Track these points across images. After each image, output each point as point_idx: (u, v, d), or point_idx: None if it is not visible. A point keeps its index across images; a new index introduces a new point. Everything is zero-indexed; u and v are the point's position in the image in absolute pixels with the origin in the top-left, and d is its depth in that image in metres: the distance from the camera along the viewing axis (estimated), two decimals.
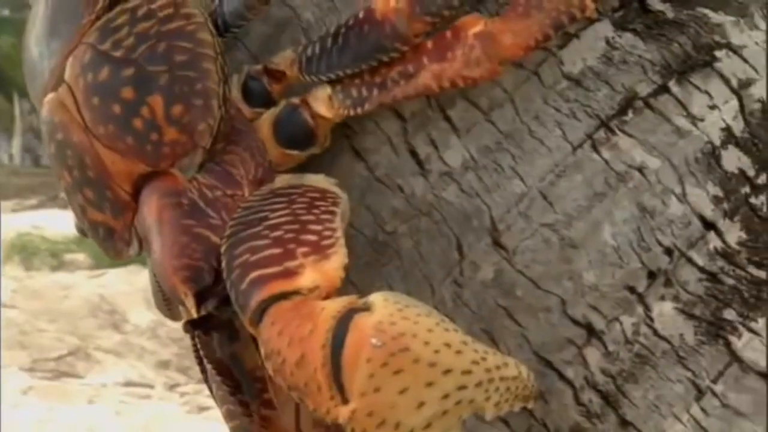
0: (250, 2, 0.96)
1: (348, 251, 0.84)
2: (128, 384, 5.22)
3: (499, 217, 0.95)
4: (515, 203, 0.95)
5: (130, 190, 0.95)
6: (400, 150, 0.98)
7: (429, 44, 0.91)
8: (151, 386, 5.24)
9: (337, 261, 0.83)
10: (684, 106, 0.93)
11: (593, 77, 0.94)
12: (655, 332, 0.90)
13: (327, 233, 0.85)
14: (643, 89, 0.94)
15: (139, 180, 0.94)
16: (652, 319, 0.91)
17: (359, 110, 0.94)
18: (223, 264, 0.86)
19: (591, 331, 0.92)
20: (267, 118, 0.99)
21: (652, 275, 0.91)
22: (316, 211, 0.88)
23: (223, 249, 0.87)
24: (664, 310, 0.91)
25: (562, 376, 0.92)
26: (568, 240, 0.93)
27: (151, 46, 0.93)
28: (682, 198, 0.92)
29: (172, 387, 5.26)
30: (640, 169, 0.93)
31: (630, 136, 0.93)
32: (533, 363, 0.93)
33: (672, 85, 0.94)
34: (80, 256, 7.12)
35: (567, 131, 0.94)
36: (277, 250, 0.84)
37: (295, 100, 0.97)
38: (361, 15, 0.94)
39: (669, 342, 0.90)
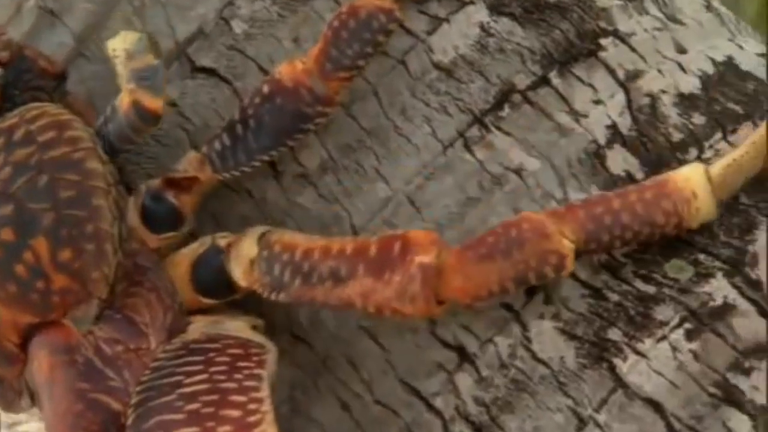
0: (136, 124, 0.80)
1: None
2: None
3: (361, 225, 0.84)
4: (379, 209, 0.84)
5: (18, 341, 0.80)
6: None
7: (373, 249, 0.77)
8: None
9: None
10: (566, 101, 0.84)
11: (466, 67, 0.84)
12: (534, 355, 0.81)
13: (252, 407, 0.73)
14: (522, 81, 0.84)
15: (26, 330, 0.80)
16: (530, 340, 0.81)
17: (273, 295, 0.79)
18: None
19: (463, 354, 0.82)
20: (187, 255, 0.83)
21: (530, 292, 0.81)
22: (238, 375, 0.75)
23: (129, 421, 0.74)
24: (544, 330, 0.81)
25: (430, 407, 0.82)
26: None
27: (31, 179, 0.78)
28: (563, 203, 0.82)
29: None
30: (518, 171, 0.83)
31: (507, 133, 0.84)
32: (398, 391, 0.82)
33: (553, 76, 0.84)
34: None
35: (437, 128, 0.84)
36: (193, 430, 0.72)
37: (222, 243, 0.82)
38: (266, 89, 0.82)
39: (548, 366, 0.80)
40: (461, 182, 0.83)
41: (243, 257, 0.80)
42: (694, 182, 0.76)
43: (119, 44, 0.80)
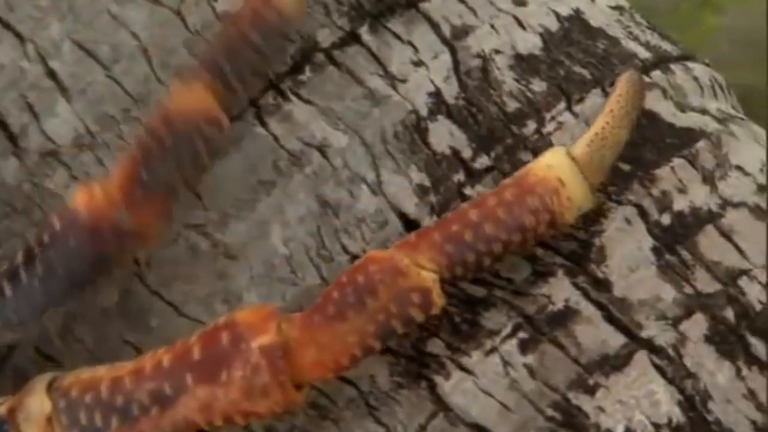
0: None
1: None
2: None
3: None
4: None
5: None
6: None
7: (195, 350, 0.62)
8: None
9: None
10: (380, 62, 0.71)
11: None
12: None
13: None
14: (326, 38, 0.72)
15: None
16: None
17: None
18: None
19: None
20: None
21: None
22: None
23: None
24: None
25: None
26: (223, 247, 0.69)
27: None
28: (377, 188, 0.69)
29: None
30: (322, 149, 0.70)
31: (307, 102, 0.70)
32: None
33: (364, 32, 0.72)
34: None
35: None
36: None
37: (1, 410, 0.64)
38: (56, 224, 0.63)
39: (356, 386, 0.67)
40: (252, 162, 0.69)
41: (35, 417, 0.63)
42: (557, 168, 0.64)
43: None
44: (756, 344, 0.65)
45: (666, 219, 0.68)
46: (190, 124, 0.64)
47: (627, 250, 0.67)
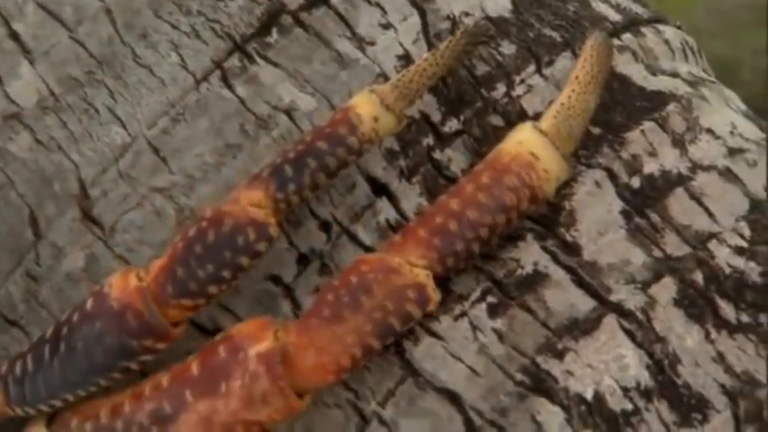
0: None
1: None
2: None
3: (92, 180, 0.68)
4: (114, 159, 0.68)
5: None
6: None
7: (194, 367, 0.61)
8: None
9: None
10: (348, 24, 0.70)
11: None
12: None
13: None
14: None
15: None
16: None
17: None
18: None
19: None
20: None
21: (303, 260, 0.68)
22: None
23: None
24: None
25: None
26: (189, 211, 0.68)
27: None
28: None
29: None
30: (289, 112, 0.69)
31: (274, 64, 0.69)
32: None
33: None
34: None
35: (187, 57, 0.69)
36: None
37: None
38: (89, 305, 0.63)
39: None
40: (218, 125, 0.68)
41: None
42: (528, 143, 0.64)
43: None
44: (725, 307, 0.64)
45: (636, 182, 0.67)
46: (238, 228, 0.62)
47: (596, 214, 0.66)
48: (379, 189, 0.68)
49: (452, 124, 0.68)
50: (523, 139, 0.64)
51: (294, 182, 0.63)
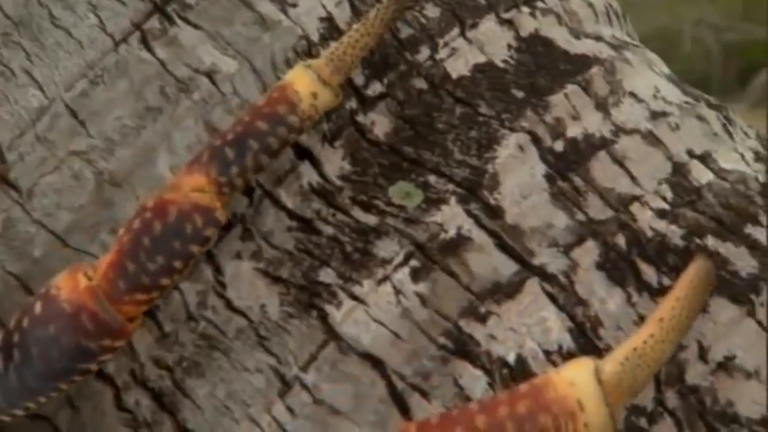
0: None
1: None
2: None
3: (8, 143, 0.67)
4: (31, 123, 0.66)
5: None
6: None
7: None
8: None
9: None
10: None
11: None
12: (228, 304, 0.65)
13: None
14: None
15: None
16: (224, 286, 0.65)
17: None
18: None
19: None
20: None
21: (225, 225, 0.65)
22: None
23: None
24: (241, 273, 0.65)
25: (99, 372, 0.65)
26: (108, 175, 0.66)
27: None
28: None
29: None
30: (210, 74, 0.67)
31: (195, 26, 0.68)
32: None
33: None
34: None
35: (106, 19, 0.67)
36: None
37: None
38: (38, 308, 0.60)
39: (246, 317, 0.65)
40: (138, 88, 0.67)
41: None
42: (579, 389, 0.58)
43: None
44: (647, 270, 0.64)
45: (559, 146, 0.66)
46: (184, 215, 0.61)
47: (520, 177, 0.66)
48: (302, 153, 0.66)
49: (375, 88, 0.67)
50: (576, 382, 0.58)
51: (236, 165, 0.61)
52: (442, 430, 0.58)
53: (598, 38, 0.70)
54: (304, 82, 0.63)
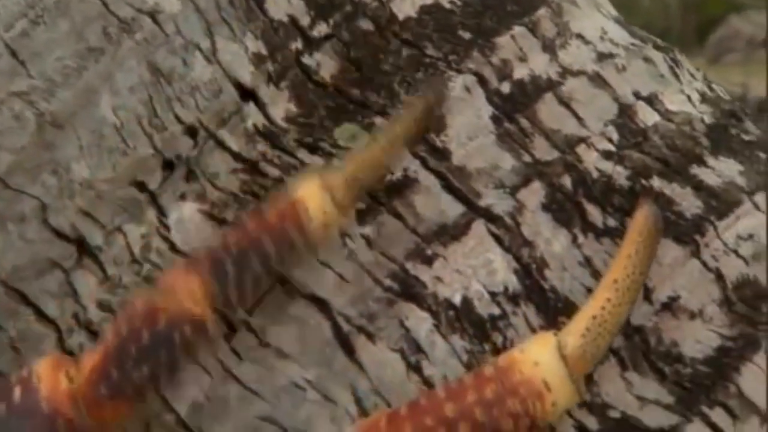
0: None
1: None
2: None
3: None
4: None
5: None
6: None
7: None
8: None
9: None
10: None
11: None
12: (173, 246, 0.64)
13: None
14: None
15: None
16: (168, 229, 0.64)
17: None
18: None
19: (83, 247, 0.64)
20: None
21: (169, 165, 0.65)
22: None
23: None
24: (186, 215, 0.64)
25: (42, 314, 0.64)
26: (50, 116, 0.65)
27: None
28: (211, 56, 0.65)
29: None
30: (153, 14, 0.66)
31: None
32: (1, 295, 0.64)
33: None
34: None
35: None
36: None
37: None
38: (17, 396, 0.58)
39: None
40: (79, 28, 0.65)
41: None
42: (544, 368, 0.58)
43: None
44: (592, 211, 0.64)
45: (506, 87, 0.66)
46: (174, 324, 0.58)
47: (466, 119, 0.65)
48: (247, 94, 0.65)
49: (321, 28, 0.66)
50: (540, 361, 0.58)
51: (235, 284, 0.59)
52: (411, 421, 0.58)
53: None
54: (315, 201, 0.60)
